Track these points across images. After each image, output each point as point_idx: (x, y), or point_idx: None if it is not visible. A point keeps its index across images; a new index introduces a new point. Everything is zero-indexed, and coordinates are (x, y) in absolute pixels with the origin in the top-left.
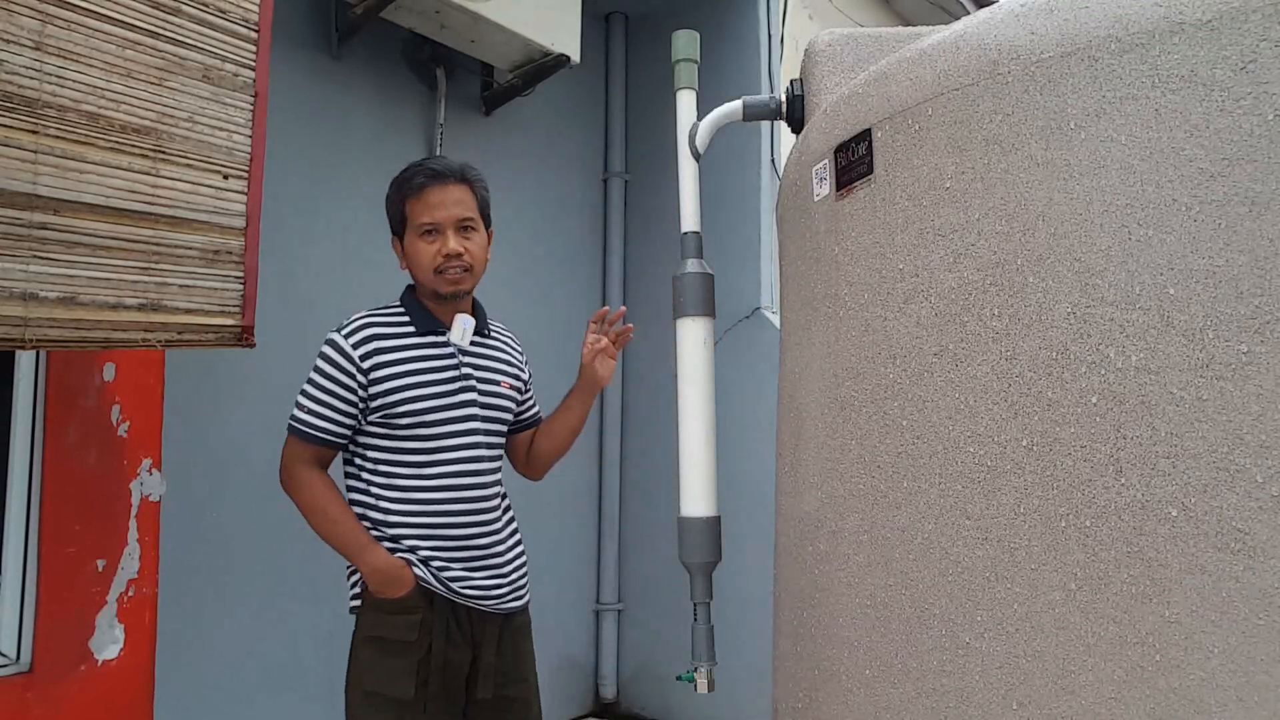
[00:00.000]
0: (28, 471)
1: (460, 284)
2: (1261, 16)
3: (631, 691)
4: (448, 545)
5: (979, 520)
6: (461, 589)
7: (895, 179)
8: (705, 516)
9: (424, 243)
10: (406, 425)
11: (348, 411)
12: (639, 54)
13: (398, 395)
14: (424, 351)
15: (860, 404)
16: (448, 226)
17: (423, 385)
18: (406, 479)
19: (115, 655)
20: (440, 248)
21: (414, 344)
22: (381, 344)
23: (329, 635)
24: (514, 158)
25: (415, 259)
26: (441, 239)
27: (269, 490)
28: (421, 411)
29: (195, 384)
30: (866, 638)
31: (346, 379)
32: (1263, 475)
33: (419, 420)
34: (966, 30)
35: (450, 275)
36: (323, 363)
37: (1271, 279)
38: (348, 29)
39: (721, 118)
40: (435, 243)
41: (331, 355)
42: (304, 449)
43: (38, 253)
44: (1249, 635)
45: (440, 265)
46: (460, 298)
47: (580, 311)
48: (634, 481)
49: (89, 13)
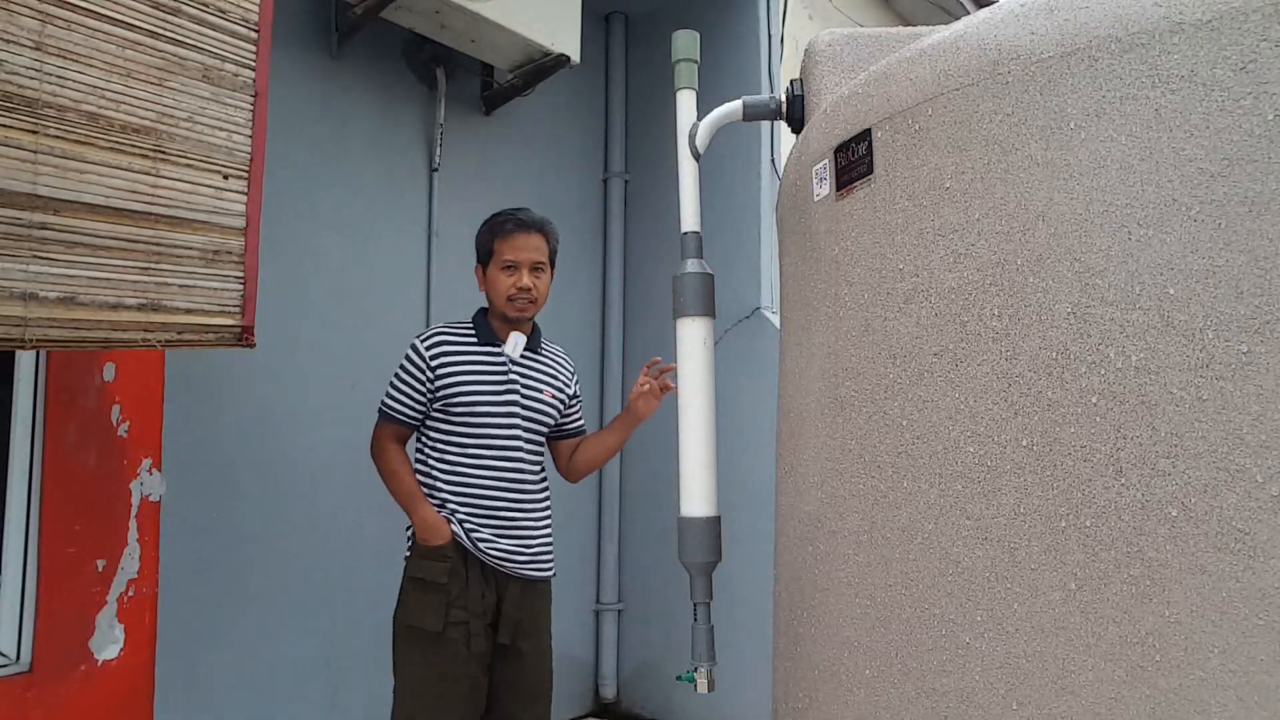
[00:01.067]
0: (28, 471)
1: (524, 312)
2: (1261, 16)
3: (631, 691)
4: (480, 513)
5: (979, 520)
6: (486, 549)
7: (895, 179)
8: (705, 517)
9: (504, 275)
10: (459, 414)
11: (419, 399)
12: (639, 54)
13: (455, 389)
14: (481, 358)
15: (860, 404)
16: (524, 266)
17: (475, 384)
18: (455, 456)
19: (115, 655)
20: (515, 281)
21: (474, 352)
22: (448, 349)
23: (329, 634)
24: (514, 158)
25: (494, 286)
26: (517, 274)
27: (269, 490)
28: (472, 404)
29: (195, 384)
30: (866, 638)
31: (420, 374)
32: (1263, 475)
33: (469, 410)
34: (966, 30)
35: (519, 304)
36: (405, 361)
37: (1271, 279)
38: (348, 29)
39: (721, 118)
40: (512, 277)
41: (411, 356)
42: (387, 427)
43: (38, 253)
44: (1249, 635)
45: (513, 295)
46: (523, 322)
47: (580, 311)
48: (634, 481)
49: (89, 13)
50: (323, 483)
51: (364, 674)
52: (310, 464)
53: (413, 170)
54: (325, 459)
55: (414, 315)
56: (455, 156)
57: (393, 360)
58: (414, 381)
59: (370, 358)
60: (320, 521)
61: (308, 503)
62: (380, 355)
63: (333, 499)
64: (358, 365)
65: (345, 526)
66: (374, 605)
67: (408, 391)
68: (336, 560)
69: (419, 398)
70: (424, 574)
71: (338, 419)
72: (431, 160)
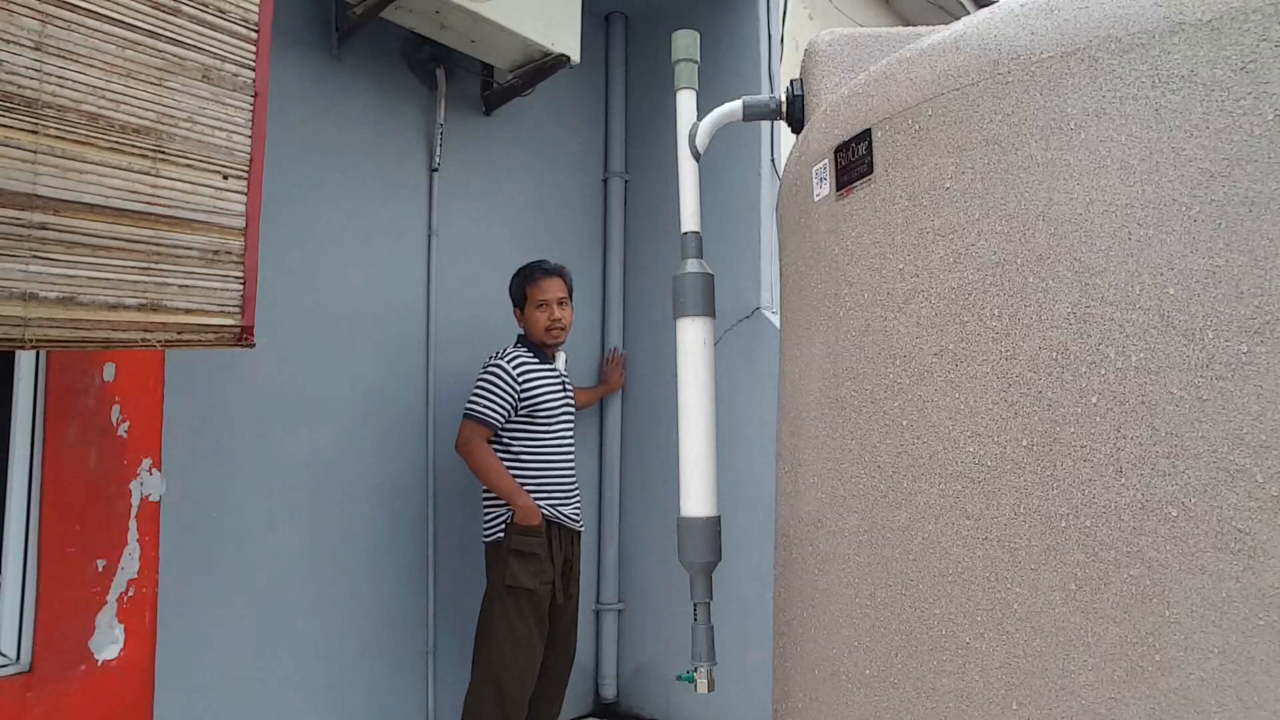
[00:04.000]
0: (28, 471)
1: (559, 339)
2: (1261, 16)
3: (631, 691)
4: (552, 488)
5: (979, 520)
6: (560, 512)
7: (895, 179)
8: (705, 517)
9: (540, 313)
10: (542, 417)
11: (506, 407)
12: (639, 54)
13: (537, 399)
14: (546, 374)
15: (860, 404)
16: (553, 303)
17: (548, 393)
18: (534, 449)
19: (115, 655)
20: (549, 314)
21: (541, 369)
22: (527, 369)
23: (329, 634)
24: (514, 158)
25: (534, 323)
26: (549, 309)
27: (269, 489)
28: (548, 409)
29: (195, 384)
30: (866, 638)
31: (509, 387)
32: (1263, 475)
33: (546, 414)
34: (966, 30)
35: (554, 333)
36: (492, 377)
37: (1271, 279)
38: (348, 29)
39: (721, 118)
40: (545, 312)
41: (498, 373)
42: (477, 429)
43: (38, 253)
44: (1249, 635)
45: (549, 326)
46: (559, 346)
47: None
48: (634, 482)
49: (89, 13)
50: (323, 482)
51: (364, 673)
52: (310, 464)
53: (413, 170)
54: (325, 459)
55: (414, 315)
56: (455, 156)
57: (393, 360)
58: (505, 393)
59: (370, 358)
60: (320, 521)
61: (308, 502)
62: (380, 355)
63: (333, 498)
64: (358, 365)
65: (345, 526)
66: (373, 605)
67: (499, 401)
68: (336, 560)
69: (507, 406)
70: (523, 547)
71: (337, 419)
72: (431, 160)
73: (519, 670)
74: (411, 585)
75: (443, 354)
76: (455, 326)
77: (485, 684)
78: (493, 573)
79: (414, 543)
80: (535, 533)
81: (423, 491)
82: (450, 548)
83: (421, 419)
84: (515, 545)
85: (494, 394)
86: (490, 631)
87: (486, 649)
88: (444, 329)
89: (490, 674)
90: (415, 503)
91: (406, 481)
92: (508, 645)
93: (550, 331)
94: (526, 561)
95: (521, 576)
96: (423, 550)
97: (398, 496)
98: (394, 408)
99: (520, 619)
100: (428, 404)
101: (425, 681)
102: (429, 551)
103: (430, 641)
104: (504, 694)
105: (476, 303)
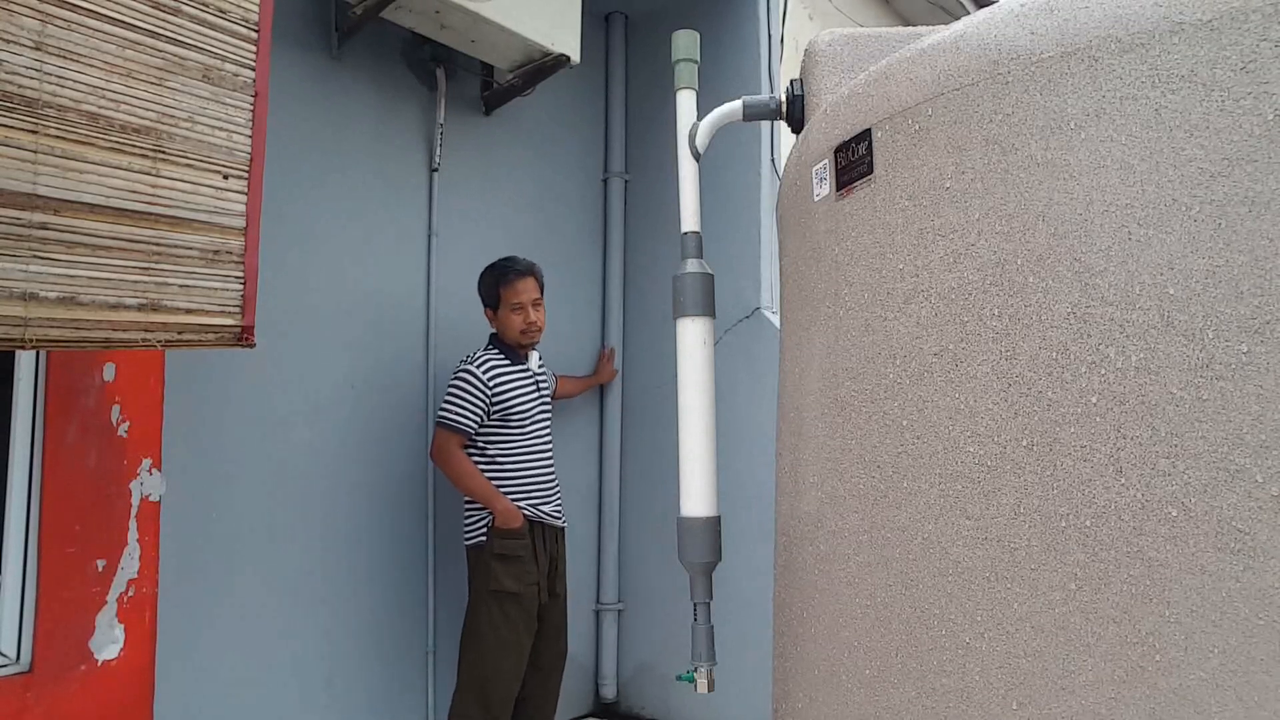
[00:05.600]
0: (28, 471)
1: (534, 339)
2: (1261, 16)
3: (631, 691)
4: (531, 489)
5: (979, 520)
6: (541, 511)
7: (895, 179)
8: (705, 517)
9: (515, 315)
10: (515, 420)
11: (479, 413)
12: (639, 54)
13: (509, 403)
14: (518, 375)
15: (860, 404)
16: (528, 304)
17: (520, 395)
18: (510, 451)
19: (115, 655)
20: (524, 317)
21: (513, 370)
22: (498, 372)
23: (328, 634)
24: (514, 158)
25: (507, 324)
26: (524, 312)
27: (269, 489)
28: (521, 411)
29: (195, 384)
30: (866, 638)
31: (479, 393)
32: (1263, 475)
33: (520, 415)
34: (966, 30)
35: (529, 334)
36: (462, 383)
37: (1271, 279)
38: (348, 29)
39: (721, 118)
40: (520, 315)
41: (468, 379)
42: (451, 436)
43: (38, 253)
44: (1249, 635)
45: (524, 328)
46: (534, 347)
47: (580, 310)
48: (634, 482)
49: (89, 13)
50: (323, 482)
51: (364, 673)
52: (310, 464)
53: (413, 170)
54: (325, 459)
55: (414, 315)
56: (455, 156)
57: (393, 360)
58: (476, 399)
59: (370, 357)
60: (320, 521)
61: (307, 502)
62: (380, 355)
63: (332, 499)
64: (357, 365)
65: (344, 526)
66: (373, 604)
67: (470, 407)
68: (336, 560)
69: (479, 411)
70: (506, 550)
71: (337, 419)
72: (431, 160)
73: (505, 675)
74: (411, 585)
75: (443, 354)
76: (455, 326)
77: (470, 689)
78: (476, 577)
79: (414, 542)
80: (518, 535)
81: (423, 491)
82: (450, 548)
83: (421, 419)
84: (498, 549)
85: (465, 400)
86: (476, 637)
87: (472, 654)
88: (444, 329)
89: (475, 679)
90: (415, 502)
91: (407, 481)
92: (493, 650)
93: (525, 334)
94: (510, 565)
95: (505, 580)
96: (423, 550)
97: (398, 496)
98: (394, 408)
99: (506, 623)
100: (427, 404)
101: (425, 681)
102: (429, 551)
103: (430, 641)
104: (490, 699)
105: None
